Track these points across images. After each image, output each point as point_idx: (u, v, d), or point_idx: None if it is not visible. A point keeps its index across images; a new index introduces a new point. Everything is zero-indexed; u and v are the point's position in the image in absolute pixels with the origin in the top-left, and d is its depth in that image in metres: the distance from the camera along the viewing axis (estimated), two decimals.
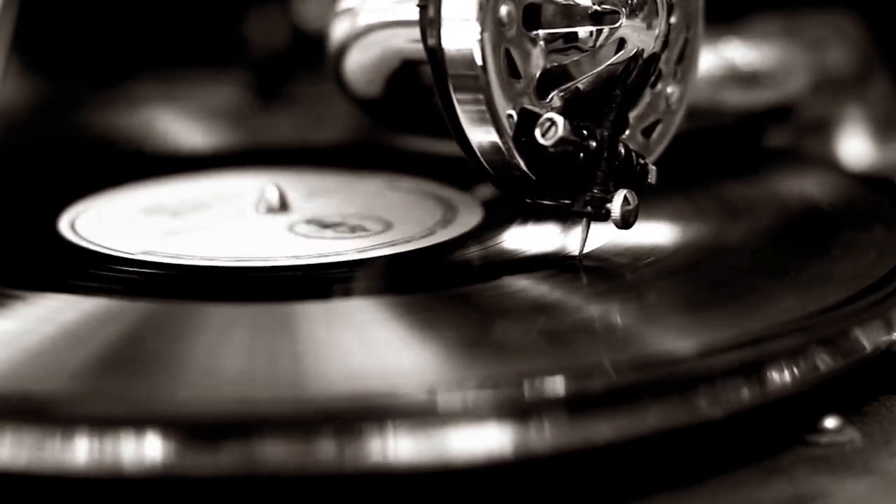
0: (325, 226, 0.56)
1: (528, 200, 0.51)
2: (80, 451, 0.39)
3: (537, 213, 0.55)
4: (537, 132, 0.48)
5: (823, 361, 0.45)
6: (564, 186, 0.50)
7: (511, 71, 0.48)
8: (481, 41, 0.47)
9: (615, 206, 0.49)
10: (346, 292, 0.50)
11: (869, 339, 0.46)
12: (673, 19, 0.53)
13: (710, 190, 0.60)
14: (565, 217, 0.53)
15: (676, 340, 0.45)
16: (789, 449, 0.44)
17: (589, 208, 0.49)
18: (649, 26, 0.51)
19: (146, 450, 0.39)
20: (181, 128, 0.76)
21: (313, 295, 0.50)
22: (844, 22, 0.71)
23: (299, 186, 0.60)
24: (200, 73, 0.85)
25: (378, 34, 0.56)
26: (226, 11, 0.89)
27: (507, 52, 0.48)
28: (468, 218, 0.57)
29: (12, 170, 0.68)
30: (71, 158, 0.69)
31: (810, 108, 0.69)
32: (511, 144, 0.49)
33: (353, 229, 0.55)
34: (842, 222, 0.56)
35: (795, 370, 0.44)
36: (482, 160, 0.49)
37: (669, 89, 0.54)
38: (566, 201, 0.50)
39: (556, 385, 0.41)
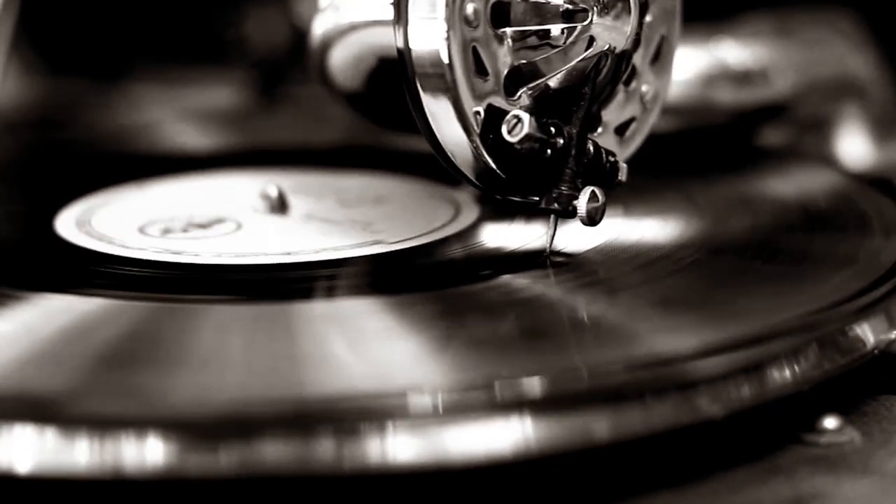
0: (329, 224, 0.56)
1: (499, 197, 0.51)
2: (80, 451, 0.39)
3: (536, 212, 0.55)
4: (504, 129, 0.49)
5: (823, 361, 0.45)
6: (533, 183, 0.50)
7: (478, 68, 0.49)
8: (447, 39, 0.48)
9: (581, 203, 0.49)
10: (345, 292, 0.50)
11: (868, 338, 0.46)
12: (648, 17, 0.53)
13: (710, 189, 0.60)
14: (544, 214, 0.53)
15: (676, 340, 0.45)
16: (789, 449, 0.44)
17: (556, 205, 0.50)
18: (621, 24, 0.51)
19: (146, 450, 0.39)
20: (181, 128, 0.76)
21: (313, 295, 0.50)
22: (840, 20, 0.71)
23: (299, 186, 0.60)
24: (200, 73, 0.85)
25: (359, 31, 0.57)
26: (226, 11, 0.89)
27: (475, 50, 0.48)
28: (469, 217, 0.57)
29: (12, 169, 0.68)
30: (70, 158, 0.69)
31: (809, 107, 0.69)
32: (479, 142, 0.49)
33: (357, 227, 0.55)
34: (841, 222, 0.56)
35: (795, 369, 0.44)
36: (451, 158, 0.50)
37: (644, 87, 0.54)
38: (535, 198, 0.50)
39: (556, 384, 0.41)
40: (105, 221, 0.57)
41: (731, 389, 0.43)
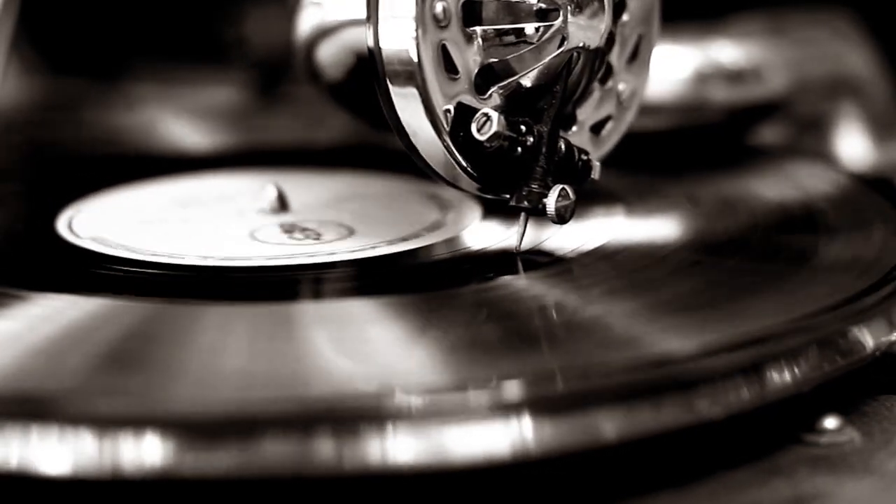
0: (329, 224, 0.56)
1: (472, 193, 0.51)
2: (79, 451, 0.39)
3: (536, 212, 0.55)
4: (473, 127, 0.49)
5: (823, 361, 0.45)
6: (506, 181, 0.50)
7: (449, 67, 0.49)
8: (416, 38, 0.48)
9: (550, 201, 0.49)
10: (345, 292, 0.50)
11: (869, 339, 0.46)
12: (625, 17, 0.53)
13: (709, 189, 0.60)
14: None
15: (676, 341, 0.44)
16: (789, 449, 0.44)
17: (526, 203, 0.50)
18: (595, 23, 0.51)
19: (145, 450, 0.39)
20: (181, 128, 0.76)
21: (313, 295, 0.50)
22: (836, 19, 0.71)
23: (299, 187, 0.60)
24: (200, 72, 0.85)
25: (342, 29, 0.57)
26: (226, 11, 0.89)
27: (445, 49, 0.49)
28: (468, 217, 0.57)
29: (12, 169, 0.68)
30: (71, 158, 0.69)
31: (806, 106, 0.69)
32: (449, 140, 0.49)
33: (357, 227, 0.55)
34: (841, 222, 0.56)
35: (795, 370, 0.44)
36: (423, 156, 0.50)
37: (621, 86, 0.54)
38: (506, 195, 0.50)
39: (556, 385, 0.41)
40: (105, 221, 0.57)
41: (730, 390, 0.43)
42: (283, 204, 0.58)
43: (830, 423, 0.45)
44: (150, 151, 0.71)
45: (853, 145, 0.70)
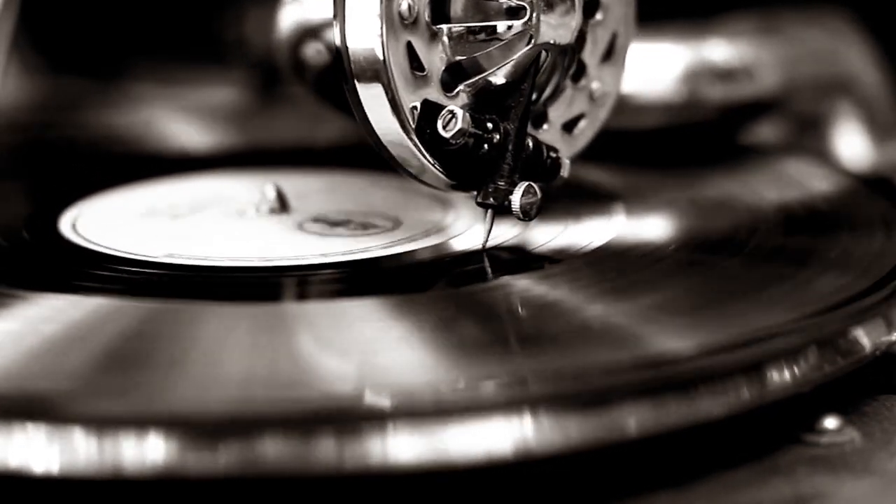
0: (330, 225, 0.56)
1: (442, 190, 0.51)
2: (80, 450, 0.39)
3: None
4: (439, 124, 0.49)
5: (823, 361, 0.45)
6: (474, 178, 0.50)
7: (416, 64, 0.49)
8: (382, 36, 0.48)
9: (515, 198, 0.50)
10: (346, 292, 0.50)
11: (868, 339, 0.46)
12: (599, 16, 0.53)
13: (706, 188, 0.60)
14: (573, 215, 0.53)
15: (677, 340, 0.45)
16: (789, 449, 0.44)
17: (492, 199, 0.50)
18: (565, 21, 0.51)
19: (146, 450, 0.39)
20: (181, 128, 0.76)
21: (313, 295, 0.50)
22: (831, 18, 0.71)
23: (300, 186, 0.60)
24: (200, 72, 0.85)
25: (322, 25, 0.57)
26: (226, 11, 0.89)
27: (411, 46, 0.49)
28: (468, 217, 0.57)
29: (12, 170, 0.68)
30: (71, 158, 0.69)
31: (802, 104, 0.69)
32: (415, 138, 0.49)
33: (357, 228, 0.56)
34: (841, 222, 0.56)
35: (795, 370, 0.44)
36: (391, 153, 0.50)
37: (594, 84, 0.54)
38: (474, 192, 0.51)
39: (555, 384, 0.41)
40: (105, 221, 0.57)
41: (730, 390, 0.43)
42: (282, 204, 0.58)
43: (830, 423, 0.45)
44: (150, 151, 0.71)
45: (852, 144, 0.70)
